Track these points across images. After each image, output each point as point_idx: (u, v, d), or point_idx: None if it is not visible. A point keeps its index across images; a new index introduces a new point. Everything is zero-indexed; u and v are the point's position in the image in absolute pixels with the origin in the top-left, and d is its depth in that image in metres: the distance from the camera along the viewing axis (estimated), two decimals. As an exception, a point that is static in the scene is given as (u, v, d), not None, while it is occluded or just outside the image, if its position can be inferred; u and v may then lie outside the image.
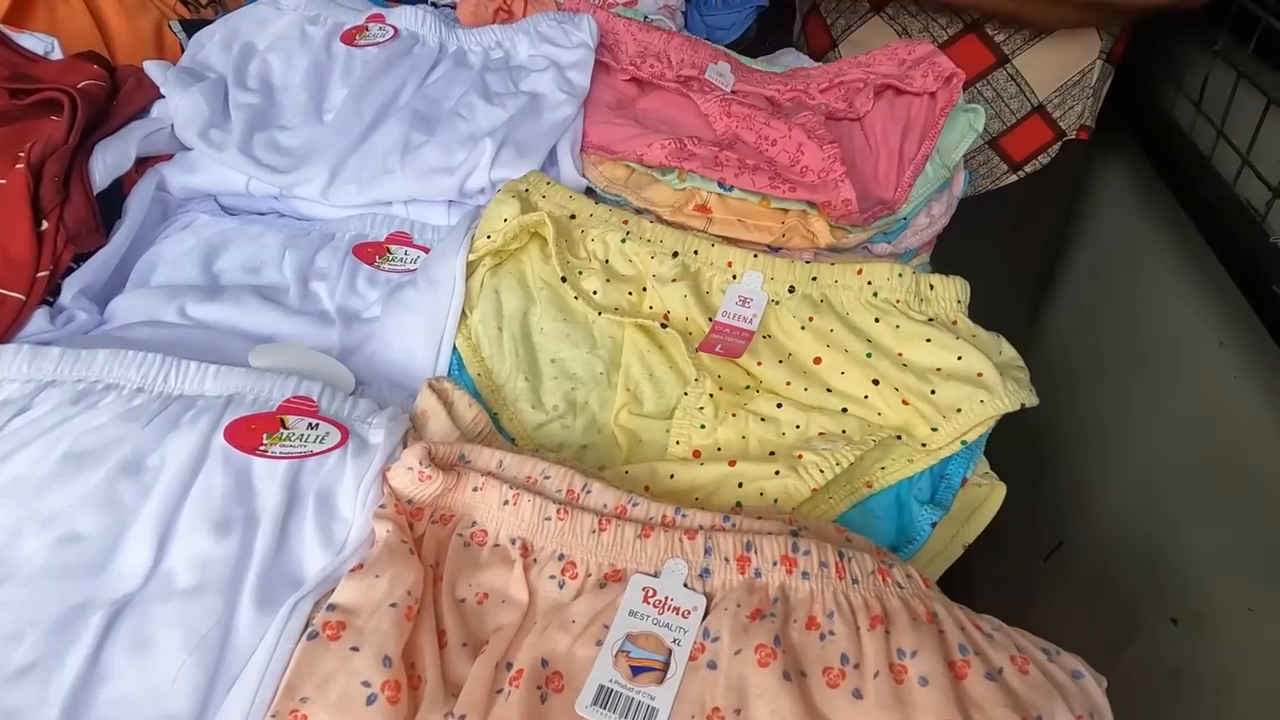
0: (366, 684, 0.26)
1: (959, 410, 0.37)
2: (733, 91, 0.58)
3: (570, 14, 0.62)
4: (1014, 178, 0.85)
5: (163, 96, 0.53)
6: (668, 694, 0.28)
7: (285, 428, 0.34)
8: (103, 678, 0.27)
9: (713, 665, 0.28)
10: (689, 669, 0.28)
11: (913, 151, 0.56)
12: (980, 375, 0.38)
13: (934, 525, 0.38)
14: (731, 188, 0.48)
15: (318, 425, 0.34)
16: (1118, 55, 0.82)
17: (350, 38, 0.58)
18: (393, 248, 0.49)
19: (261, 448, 0.33)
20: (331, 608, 0.28)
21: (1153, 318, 0.87)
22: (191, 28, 0.66)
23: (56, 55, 0.56)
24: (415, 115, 0.54)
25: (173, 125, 0.52)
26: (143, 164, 0.51)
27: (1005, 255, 0.86)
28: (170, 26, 0.68)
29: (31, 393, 0.34)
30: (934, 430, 0.38)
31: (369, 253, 0.48)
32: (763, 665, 0.27)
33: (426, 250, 0.49)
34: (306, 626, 0.28)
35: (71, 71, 0.52)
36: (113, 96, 0.51)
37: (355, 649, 0.27)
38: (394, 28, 0.59)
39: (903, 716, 0.26)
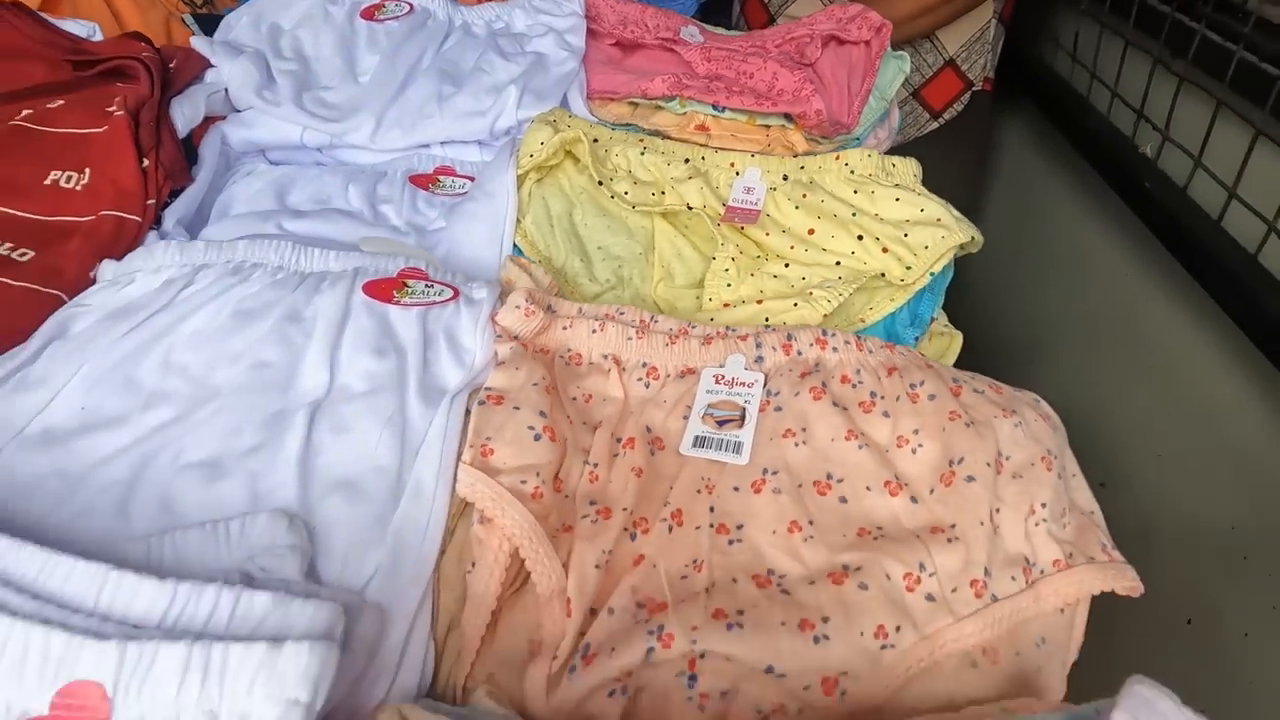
0: (531, 428, 0.34)
1: (926, 247, 0.48)
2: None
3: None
4: (936, 124, 0.99)
5: (208, 69, 0.59)
6: (748, 431, 0.37)
7: (408, 287, 0.42)
8: (317, 451, 0.34)
9: (778, 409, 0.38)
10: (760, 416, 0.38)
11: (858, 87, 0.68)
12: (939, 220, 0.49)
13: (916, 340, 0.49)
14: (724, 109, 0.58)
15: (433, 285, 0.42)
16: (1007, 16, 0.98)
17: (370, 14, 0.66)
18: (441, 178, 0.57)
19: (395, 299, 0.40)
20: (489, 389, 0.36)
21: (1058, 233, 1.02)
22: (201, 22, 0.72)
23: (98, 38, 0.62)
24: (441, 73, 0.62)
25: (227, 90, 0.58)
26: (201, 125, 0.57)
27: (935, 193, 1.01)
28: (184, 20, 0.74)
29: (189, 274, 0.40)
30: (908, 268, 0.49)
31: (423, 181, 0.56)
32: (816, 399, 0.37)
33: (471, 179, 0.57)
34: (466, 411, 0.36)
35: (126, 47, 0.58)
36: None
37: (517, 408, 0.35)
38: (409, 4, 0.67)
39: (920, 420, 0.36)
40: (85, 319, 0.38)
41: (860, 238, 0.49)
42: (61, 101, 0.52)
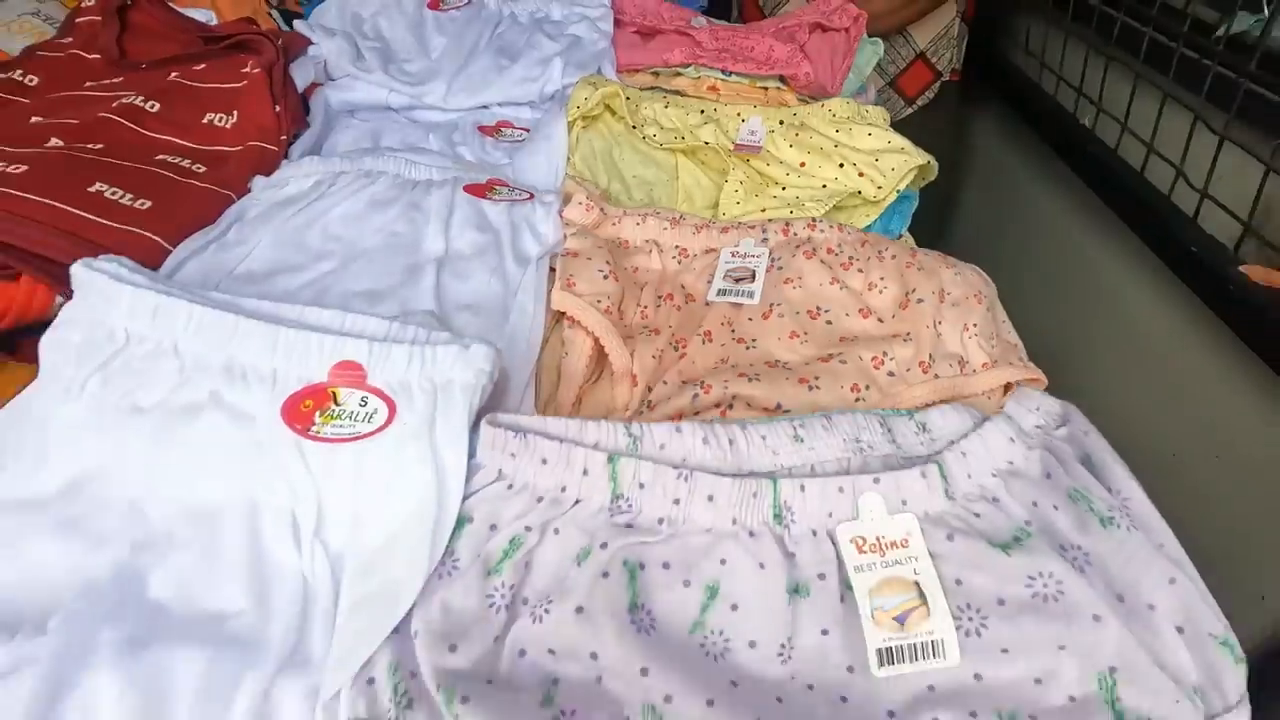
0: (600, 270, 0.47)
1: (893, 169, 0.61)
2: (713, 30, 0.83)
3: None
4: (910, 109, 1.13)
5: (310, 46, 0.73)
6: (758, 283, 0.50)
7: (496, 190, 0.54)
8: (445, 288, 0.46)
9: (780, 267, 0.50)
10: (768, 275, 0.50)
11: (840, 64, 0.82)
12: (903, 149, 0.62)
13: (887, 243, 0.61)
14: (730, 74, 0.72)
15: (515, 189, 0.55)
16: (969, 15, 1.12)
17: (435, 4, 0.80)
18: (503, 129, 0.70)
19: (487, 196, 0.53)
20: (568, 248, 0.49)
21: (1024, 206, 1.16)
22: (285, 15, 0.86)
23: (214, 23, 0.76)
24: (498, 50, 0.76)
25: (325, 62, 0.72)
26: (307, 90, 0.70)
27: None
28: (270, 14, 0.88)
29: (332, 177, 0.53)
30: (879, 188, 0.62)
31: (489, 130, 0.69)
32: (808, 258, 0.50)
33: (527, 130, 0.70)
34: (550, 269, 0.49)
35: (247, 28, 0.71)
36: (276, 44, 0.71)
37: (589, 259, 0.47)
38: (467, -2, 0.81)
39: (885, 270, 0.49)
40: (257, 208, 0.51)
41: (841, 165, 0.63)
42: (204, 65, 0.65)
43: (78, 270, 0.36)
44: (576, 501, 0.30)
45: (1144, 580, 0.28)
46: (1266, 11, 0.68)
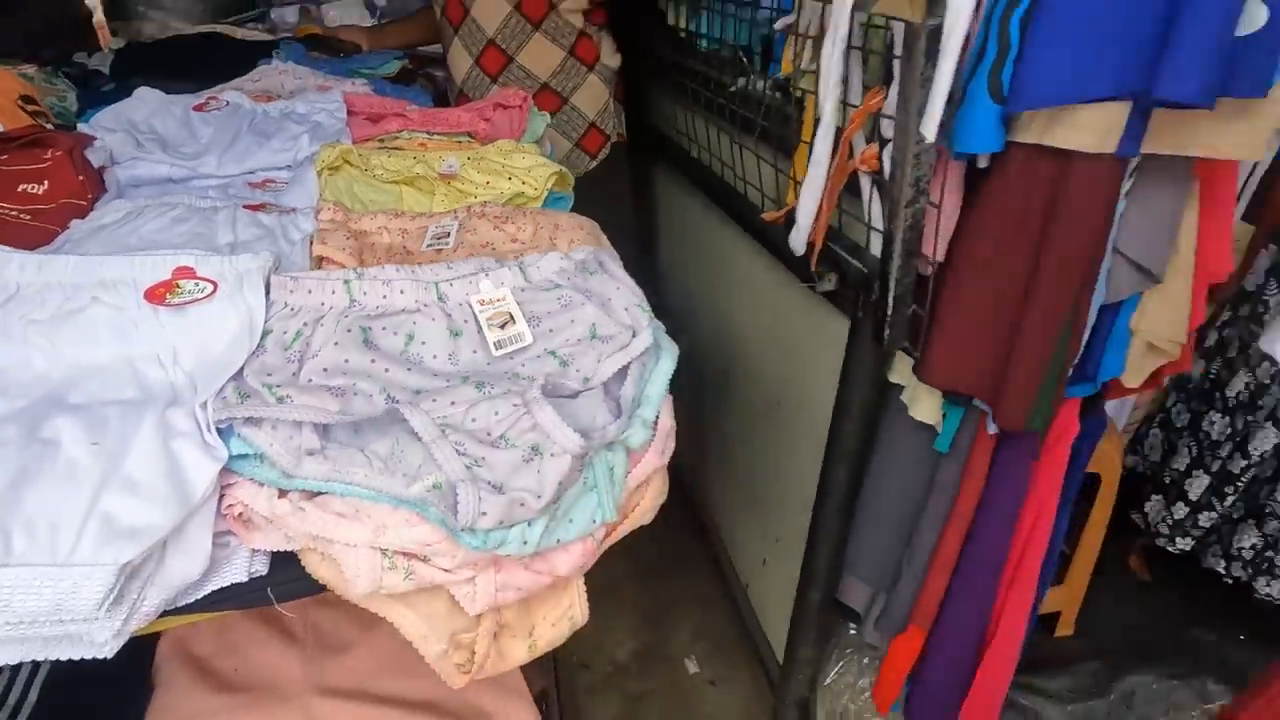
0: (344, 237, 0.74)
1: (540, 177, 0.96)
2: (423, 112, 1.16)
3: (325, 91, 1.16)
4: (595, 163, 1.56)
5: (94, 140, 0.94)
6: (452, 238, 0.80)
7: (267, 209, 0.80)
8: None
9: (468, 230, 0.82)
10: (459, 234, 0.81)
11: (516, 128, 1.19)
12: (544, 164, 0.98)
13: (547, 221, 0.96)
14: (434, 134, 1.05)
15: (282, 209, 0.81)
16: (620, 97, 1.59)
17: (200, 108, 1.05)
18: (268, 184, 0.96)
19: (262, 212, 0.79)
20: (320, 229, 0.76)
21: (694, 226, 1.62)
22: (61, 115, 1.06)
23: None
24: (257, 133, 1.02)
25: (111, 151, 0.93)
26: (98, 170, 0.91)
27: (602, 209, 1.57)
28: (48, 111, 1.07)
29: (137, 210, 0.76)
30: (534, 188, 0.97)
31: (257, 185, 0.94)
32: (480, 219, 0.82)
33: (287, 183, 0.96)
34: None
35: (33, 130, 0.91)
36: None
37: (336, 232, 0.75)
38: (226, 101, 1.07)
39: (524, 220, 0.82)
40: (82, 232, 0.72)
41: (509, 178, 0.97)
42: (6, 156, 0.84)
43: (-27, 250, 0.56)
44: (331, 308, 0.56)
45: (609, 290, 0.61)
46: (748, 80, 1.17)
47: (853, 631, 1.38)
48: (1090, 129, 0.59)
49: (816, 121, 0.77)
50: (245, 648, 0.73)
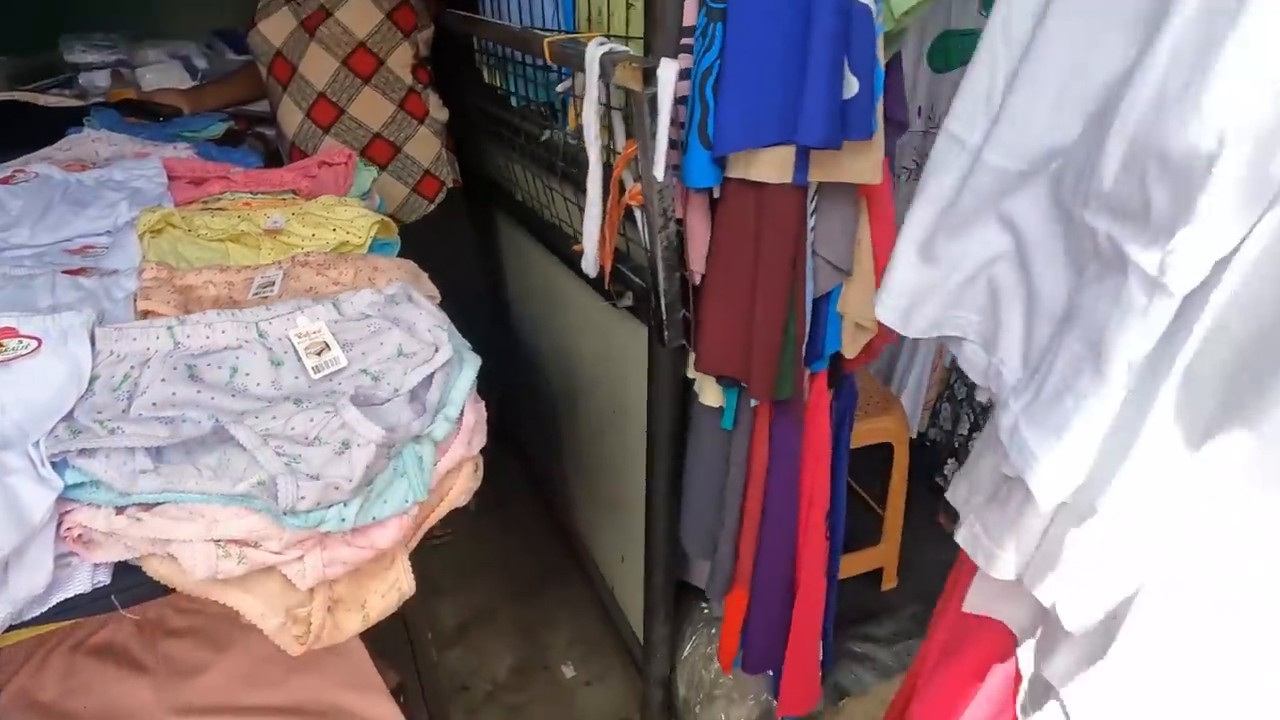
0: (170, 292, 0.82)
1: (363, 226, 1.07)
2: (247, 173, 1.23)
3: (143, 158, 1.20)
4: (432, 207, 1.67)
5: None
6: (278, 286, 0.89)
7: (87, 272, 0.86)
8: (60, 318, 0.77)
9: (293, 278, 0.91)
10: (284, 281, 0.90)
11: (342, 183, 1.29)
12: (366, 215, 1.09)
13: (372, 265, 1.07)
14: (257, 193, 1.12)
15: (103, 271, 0.87)
16: (451, 148, 1.72)
17: (6, 180, 1.07)
18: (87, 250, 0.99)
19: (82, 275, 0.84)
20: (144, 287, 0.83)
21: (528, 260, 1.77)
22: None
23: None
24: (72, 202, 1.05)
25: (-90, 227, 0.93)
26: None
27: (448, 250, 1.68)
28: None
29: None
30: (359, 239, 1.07)
31: (75, 251, 0.98)
32: (303, 267, 0.91)
33: (106, 248, 1.00)
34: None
35: None
36: None
37: (160, 289, 0.82)
38: (35, 173, 1.09)
39: (344, 265, 0.93)
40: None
41: (334, 230, 1.07)
42: None
43: None
44: (156, 351, 0.64)
45: (414, 316, 0.74)
46: (553, 132, 1.34)
47: (705, 609, 1.55)
48: (772, 165, 0.79)
49: (592, 166, 0.94)
50: (94, 686, 0.77)
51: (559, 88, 1.09)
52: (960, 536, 0.59)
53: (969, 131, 0.47)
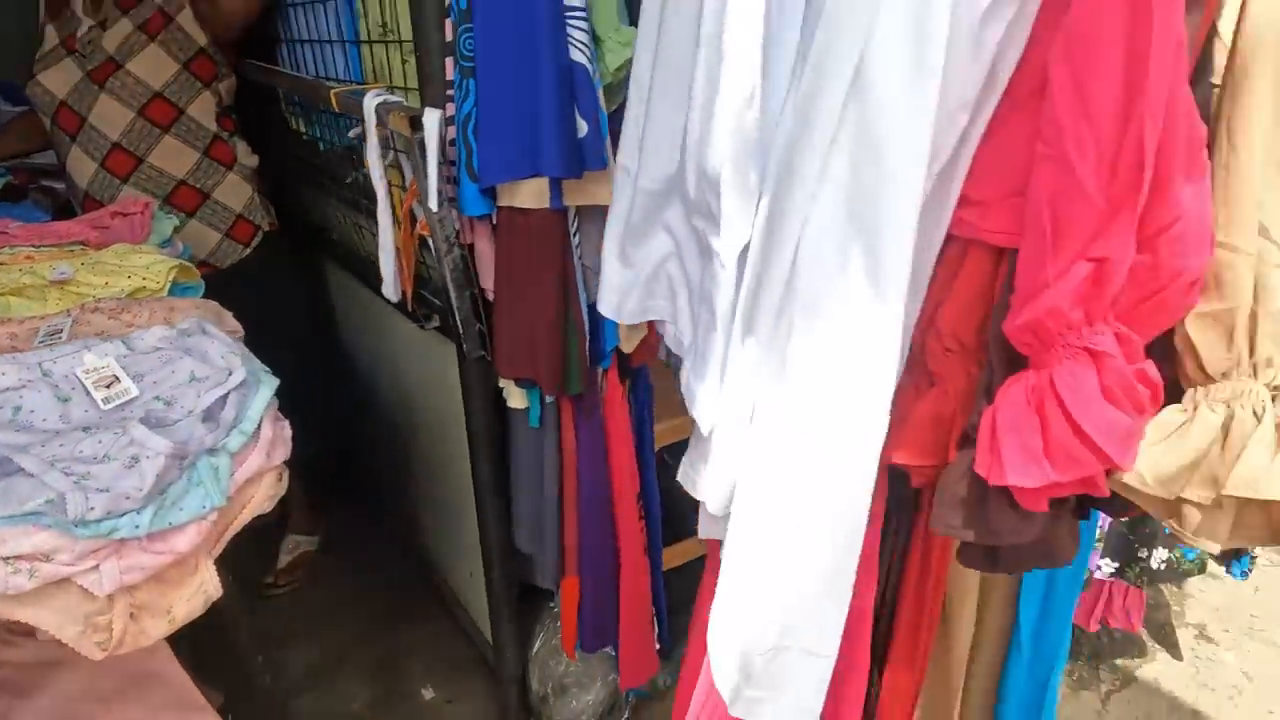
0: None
1: (159, 272, 1.10)
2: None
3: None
4: (248, 251, 1.68)
5: None
6: (66, 331, 0.92)
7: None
8: None
9: (83, 323, 0.93)
10: (74, 326, 0.93)
11: (139, 232, 1.30)
12: (162, 260, 1.12)
13: (173, 308, 1.10)
14: (41, 246, 1.12)
15: None
16: (263, 190, 1.74)
17: None
18: None
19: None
20: None
21: (350, 294, 1.81)
22: None
23: None
24: None
25: None
26: None
27: (258, 287, 1.69)
28: None
29: None
30: (156, 283, 1.10)
31: None
32: (94, 313, 0.94)
33: None
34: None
35: None
36: None
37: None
38: None
39: (139, 309, 0.96)
40: None
41: (129, 276, 1.09)
42: None
43: None
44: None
45: (206, 345, 0.81)
46: (357, 173, 1.42)
47: (553, 607, 1.65)
48: (531, 193, 0.94)
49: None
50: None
51: (350, 133, 1.19)
52: (680, 474, 0.75)
53: (631, 161, 0.64)
